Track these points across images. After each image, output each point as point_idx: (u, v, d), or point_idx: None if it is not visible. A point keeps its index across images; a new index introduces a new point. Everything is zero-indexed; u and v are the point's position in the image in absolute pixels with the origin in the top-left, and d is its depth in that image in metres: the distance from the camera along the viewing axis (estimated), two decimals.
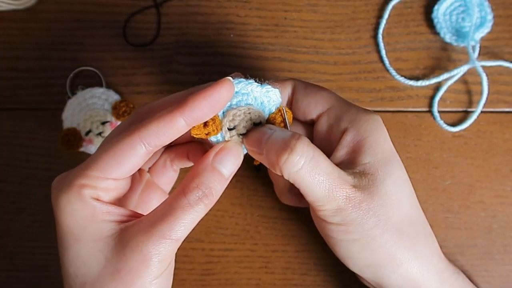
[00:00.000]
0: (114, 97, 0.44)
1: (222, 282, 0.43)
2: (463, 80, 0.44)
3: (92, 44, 0.46)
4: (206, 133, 0.30)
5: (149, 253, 0.28)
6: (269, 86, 0.32)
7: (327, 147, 0.34)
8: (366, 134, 0.32)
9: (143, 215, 0.30)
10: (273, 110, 0.32)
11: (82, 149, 0.42)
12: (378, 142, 0.32)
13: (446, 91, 0.44)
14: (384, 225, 0.31)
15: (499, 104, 0.44)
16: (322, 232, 0.34)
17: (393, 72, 0.44)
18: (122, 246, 0.28)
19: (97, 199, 0.29)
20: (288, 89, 0.35)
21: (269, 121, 0.32)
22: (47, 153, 0.44)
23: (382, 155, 0.32)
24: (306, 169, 0.30)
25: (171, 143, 0.37)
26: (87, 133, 0.42)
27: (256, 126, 0.32)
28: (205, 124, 0.30)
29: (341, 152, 0.33)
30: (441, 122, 0.43)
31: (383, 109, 0.44)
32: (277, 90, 0.32)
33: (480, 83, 0.43)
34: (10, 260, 0.43)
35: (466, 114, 0.44)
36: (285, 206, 0.43)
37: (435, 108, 0.44)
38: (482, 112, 0.43)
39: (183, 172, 0.41)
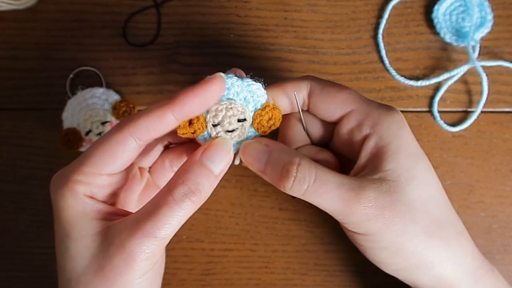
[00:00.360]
0: (114, 97, 0.44)
1: (222, 282, 0.43)
2: (463, 80, 0.44)
3: (92, 44, 0.46)
4: (192, 131, 0.30)
5: (132, 251, 0.27)
6: (250, 80, 0.31)
7: (349, 151, 0.34)
8: (389, 140, 0.31)
9: (131, 213, 0.30)
10: (259, 107, 0.32)
11: (82, 149, 0.42)
12: (401, 147, 0.31)
13: (446, 91, 0.44)
14: (412, 231, 0.30)
15: (499, 104, 0.44)
16: (351, 240, 0.34)
17: (393, 72, 0.44)
18: (107, 244, 0.28)
19: (90, 197, 0.30)
20: (303, 91, 0.34)
21: (255, 118, 0.32)
22: (47, 153, 0.44)
23: (405, 160, 0.31)
24: (311, 191, 0.30)
25: (169, 143, 0.38)
26: (87, 133, 0.42)
27: (242, 122, 0.31)
28: (190, 122, 0.30)
29: (364, 159, 0.32)
30: (441, 122, 0.43)
31: None
32: (259, 84, 0.31)
33: (480, 83, 0.43)
34: (10, 260, 0.43)
35: (466, 114, 0.44)
36: (285, 206, 0.43)
37: (435, 108, 0.44)
38: (482, 112, 0.43)
39: None
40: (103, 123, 0.43)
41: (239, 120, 0.31)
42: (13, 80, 0.45)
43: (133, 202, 0.37)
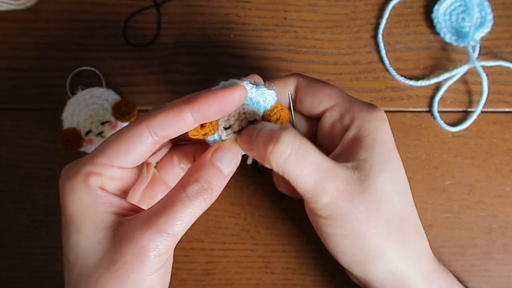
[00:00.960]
0: (114, 97, 0.44)
1: (222, 282, 0.43)
2: (463, 80, 0.44)
3: (92, 44, 0.46)
4: (203, 133, 0.31)
5: (144, 246, 0.27)
6: (265, 88, 0.32)
7: (330, 144, 0.34)
8: (367, 133, 0.32)
9: (142, 210, 0.30)
10: (268, 108, 0.33)
11: (82, 149, 0.42)
12: (377, 140, 0.32)
13: (446, 91, 0.44)
14: (375, 221, 0.31)
15: (499, 104, 0.44)
16: (315, 225, 0.34)
17: (393, 72, 0.44)
18: (119, 239, 0.28)
19: (102, 188, 0.29)
20: (290, 86, 0.35)
21: (264, 118, 0.32)
22: (47, 153, 0.44)
23: (379, 153, 0.32)
24: (293, 159, 0.29)
25: (178, 140, 0.38)
26: (87, 133, 0.42)
27: (253, 123, 0.32)
28: (202, 125, 0.30)
29: (340, 148, 0.33)
30: (441, 122, 0.43)
31: (383, 109, 0.44)
32: (272, 91, 0.32)
33: (480, 83, 0.43)
34: (10, 260, 0.43)
35: (466, 114, 0.44)
36: (285, 206, 0.43)
37: (435, 108, 0.44)
38: (482, 112, 0.43)
39: None
40: (103, 123, 0.43)
41: (250, 122, 0.32)
42: (13, 80, 0.45)
43: (136, 197, 0.37)
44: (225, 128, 0.32)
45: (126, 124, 0.43)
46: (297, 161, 0.29)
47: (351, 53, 0.45)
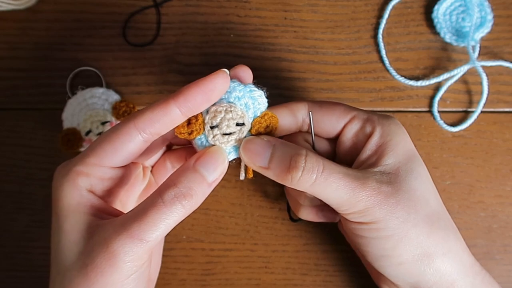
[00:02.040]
0: (114, 97, 0.44)
1: (222, 282, 0.43)
2: (463, 80, 0.44)
3: (92, 44, 0.46)
4: (189, 132, 0.30)
5: (115, 251, 0.27)
6: (253, 86, 0.31)
7: (353, 157, 0.34)
8: (389, 137, 0.33)
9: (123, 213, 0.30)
10: (258, 114, 0.32)
11: (82, 149, 0.42)
12: (400, 143, 0.33)
13: (446, 91, 0.44)
14: (415, 218, 0.31)
15: (499, 104, 0.44)
16: (353, 235, 0.34)
17: (393, 72, 0.44)
18: (94, 242, 0.28)
19: (89, 190, 0.30)
20: (303, 110, 0.35)
21: (254, 124, 0.31)
22: (47, 153, 0.44)
23: (403, 155, 0.32)
24: (320, 181, 0.30)
25: (172, 144, 0.37)
26: (87, 133, 0.42)
27: (240, 127, 0.31)
28: (188, 122, 0.30)
29: (365, 154, 0.33)
30: (441, 122, 0.43)
31: (383, 109, 0.44)
32: (261, 92, 0.32)
33: (480, 83, 0.43)
34: (10, 260, 0.43)
35: (466, 114, 0.44)
36: (285, 206, 0.43)
37: (435, 108, 0.44)
38: (482, 112, 0.43)
39: None
40: (103, 123, 0.43)
41: (237, 124, 0.31)
42: (13, 80, 0.45)
43: (132, 202, 0.36)
44: (212, 128, 0.31)
45: None
46: (325, 182, 0.30)
47: (351, 53, 0.45)
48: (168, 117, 0.29)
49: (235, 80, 0.31)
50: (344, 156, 0.35)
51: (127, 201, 0.36)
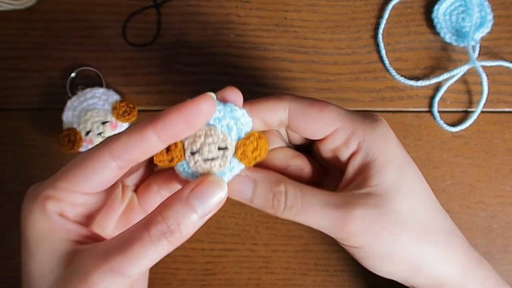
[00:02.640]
0: (114, 97, 0.44)
1: (222, 282, 0.43)
2: (463, 80, 0.44)
3: (92, 44, 0.46)
4: (170, 159, 0.28)
5: (94, 285, 0.25)
6: (233, 105, 0.29)
7: (332, 162, 0.33)
8: (375, 156, 0.31)
9: (104, 239, 0.28)
10: (243, 136, 0.29)
11: (82, 149, 0.42)
12: (387, 161, 0.31)
13: (446, 91, 0.44)
14: (403, 240, 0.30)
15: (499, 104, 0.44)
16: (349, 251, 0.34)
17: (393, 72, 0.44)
18: (71, 271, 0.26)
19: (60, 214, 0.27)
20: (281, 112, 0.31)
21: (238, 147, 0.29)
22: (47, 153, 0.44)
23: (391, 173, 0.31)
24: (301, 214, 0.30)
25: (155, 165, 0.34)
26: (87, 133, 0.42)
27: (223, 151, 0.29)
28: (168, 149, 0.28)
29: (350, 174, 0.32)
30: (441, 122, 0.43)
31: (383, 109, 0.44)
32: (244, 111, 0.29)
33: (480, 83, 0.43)
34: (10, 260, 0.43)
35: (466, 114, 0.44)
36: None
37: (435, 108, 0.44)
38: (482, 112, 0.43)
39: None
40: (103, 123, 0.43)
41: (219, 148, 0.29)
42: (13, 80, 0.45)
43: (111, 224, 0.34)
44: (192, 153, 0.28)
45: (126, 124, 0.43)
46: (305, 216, 0.30)
47: (351, 53, 0.45)
48: (145, 145, 0.26)
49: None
50: (321, 158, 0.34)
51: (105, 224, 0.33)
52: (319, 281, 0.43)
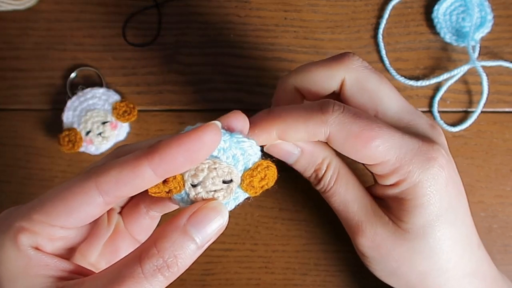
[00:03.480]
0: (114, 97, 0.44)
1: (222, 282, 0.43)
2: (463, 80, 0.44)
3: (92, 44, 0.46)
4: (167, 191, 0.25)
5: None
6: (240, 135, 0.26)
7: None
8: (412, 196, 0.29)
9: (91, 273, 0.25)
10: (250, 166, 0.26)
11: (82, 149, 0.42)
12: (422, 206, 0.29)
13: (446, 91, 0.44)
14: (406, 271, 0.31)
15: (499, 104, 0.44)
16: (358, 251, 0.35)
17: (393, 72, 0.44)
18: None
19: (36, 248, 0.24)
20: (320, 136, 0.28)
21: (244, 179, 0.26)
22: (47, 154, 0.44)
23: (422, 219, 0.29)
24: (329, 196, 0.31)
25: None
26: (87, 133, 0.42)
27: (228, 184, 0.26)
28: (165, 180, 0.25)
29: (380, 194, 0.31)
30: (441, 122, 0.43)
31: None
32: (252, 141, 0.26)
33: (480, 83, 0.43)
34: None
35: (466, 114, 0.44)
36: (285, 206, 0.43)
37: (435, 108, 0.44)
38: (482, 112, 0.43)
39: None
40: (104, 123, 0.43)
41: (224, 182, 0.26)
42: (13, 80, 0.45)
43: (95, 252, 0.31)
44: (194, 186, 0.26)
45: (126, 124, 0.43)
46: (332, 197, 0.31)
47: None
48: (139, 180, 0.23)
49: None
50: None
51: (88, 253, 0.30)
52: (319, 281, 0.43)
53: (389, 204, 0.31)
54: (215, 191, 0.26)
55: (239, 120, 0.26)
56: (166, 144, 0.23)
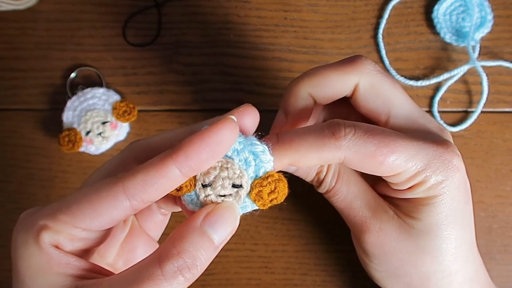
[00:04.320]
0: (114, 97, 0.44)
1: (222, 282, 0.43)
2: (463, 80, 0.44)
3: (92, 44, 0.46)
4: (178, 188, 0.25)
5: None
6: (255, 139, 0.26)
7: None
8: (434, 194, 0.29)
9: (109, 272, 0.26)
10: (260, 174, 0.26)
11: (82, 149, 0.42)
12: (444, 203, 0.29)
13: (446, 91, 0.44)
14: (409, 271, 0.31)
15: (499, 104, 0.44)
16: (359, 251, 0.34)
17: (393, 72, 0.44)
18: None
19: (57, 247, 0.25)
20: (336, 160, 0.28)
21: (254, 187, 0.26)
22: (47, 153, 0.44)
23: (442, 214, 0.29)
24: (331, 197, 0.31)
25: None
26: (87, 133, 0.42)
27: (237, 189, 0.26)
28: None
29: (401, 196, 0.30)
30: (441, 122, 0.43)
31: None
32: (265, 147, 0.26)
33: (480, 83, 0.43)
34: (10, 260, 0.43)
35: (466, 114, 0.44)
36: (285, 206, 0.43)
37: (435, 108, 0.44)
38: (482, 112, 0.43)
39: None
40: (104, 123, 0.43)
41: (234, 186, 0.26)
42: (13, 80, 0.45)
43: (113, 252, 0.31)
44: (204, 186, 0.26)
45: (126, 124, 0.43)
46: (334, 196, 0.31)
47: (351, 53, 0.45)
48: (165, 180, 0.23)
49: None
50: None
51: (106, 253, 0.31)
52: (319, 281, 0.43)
53: (396, 202, 0.31)
54: (224, 196, 0.26)
55: (250, 114, 0.26)
56: (189, 142, 0.23)
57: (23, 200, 0.44)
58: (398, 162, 0.27)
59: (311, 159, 0.27)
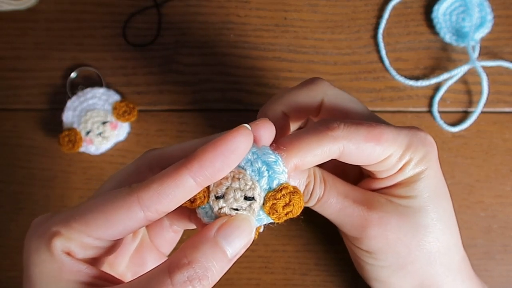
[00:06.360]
0: (114, 97, 0.44)
1: (222, 282, 0.43)
2: (463, 80, 0.44)
3: (92, 44, 0.46)
4: (192, 200, 0.25)
5: None
6: (268, 149, 0.26)
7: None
8: (418, 176, 0.30)
9: (119, 281, 0.26)
10: (274, 186, 0.25)
11: (82, 149, 0.42)
12: (428, 181, 0.30)
13: (446, 91, 0.44)
14: (416, 255, 0.30)
15: (499, 104, 0.44)
16: (351, 254, 0.34)
17: (393, 72, 0.44)
18: None
19: (68, 254, 0.25)
20: (334, 154, 0.28)
21: (267, 199, 0.25)
22: (47, 153, 0.44)
23: (428, 192, 0.30)
24: (318, 206, 0.30)
25: None
26: (87, 133, 0.42)
27: (250, 202, 0.25)
28: None
29: (381, 178, 0.31)
30: (441, 122, 0.43)
31: (383, 109, 0.44)
32: (279, 158, 0.26)
33: (480, 83, 0.43)
34: (10, 260, 0.43)
35: (466, 114, 0.44)
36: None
37: (435, 108, 0.44)
38: (482, 112, 0.43)
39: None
40: (104, 123, 0.43)
41: (246, 198, 0.25)
42: (13, 80, 0.45)
43: (122, 264, 0.31)
44: (217, 197, 0.25)
45: (126, 124, 0.43)
46: (323, 205, 0.30)
47: (351, 53, 0.45)
48: (180, 190, 0.23)
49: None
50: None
51: (116, 263, 0.31)
52: (319, 281, 0.43)
53: (383, 191, 0.31)
54: (237, 209, 0.25)
55: (267, 128, 0.26)
56: (203, 150, 0.23)
57: (23, 200, 0.44)
58: (390, 139, 0.28)
59: (314, 156, 0.27)
